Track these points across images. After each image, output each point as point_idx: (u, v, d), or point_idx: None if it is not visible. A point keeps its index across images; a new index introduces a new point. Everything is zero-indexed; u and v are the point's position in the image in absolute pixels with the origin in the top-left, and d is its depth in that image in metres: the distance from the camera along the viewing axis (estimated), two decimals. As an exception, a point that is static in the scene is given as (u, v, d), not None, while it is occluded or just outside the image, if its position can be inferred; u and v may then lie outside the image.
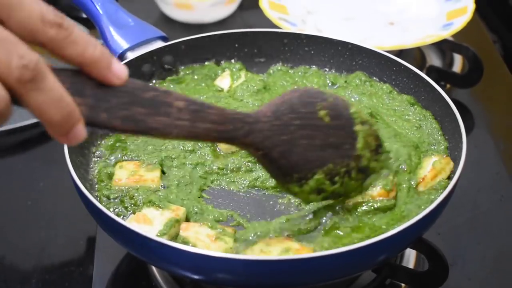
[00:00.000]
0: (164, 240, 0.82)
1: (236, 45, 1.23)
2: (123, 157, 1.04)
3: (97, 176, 1.00)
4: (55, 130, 0.66)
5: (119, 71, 0.70)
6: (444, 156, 1.00)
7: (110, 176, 1.00)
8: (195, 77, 1.20)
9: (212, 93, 1.17)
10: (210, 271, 0.83)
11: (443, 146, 1.03)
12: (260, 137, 0.83)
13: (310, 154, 0.88)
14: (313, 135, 0.87)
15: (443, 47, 1.45)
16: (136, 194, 0.95)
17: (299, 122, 0.86)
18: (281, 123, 0.85)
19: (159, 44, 1.17)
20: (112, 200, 0.96)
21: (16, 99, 0.63)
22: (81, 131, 0.67)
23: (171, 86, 1.18)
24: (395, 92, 1.14)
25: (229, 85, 1.18)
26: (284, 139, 0.85)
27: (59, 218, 1.15)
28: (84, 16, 1.22)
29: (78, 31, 0.66)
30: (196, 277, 0.86)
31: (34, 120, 1.29)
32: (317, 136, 0.88)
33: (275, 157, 0.85)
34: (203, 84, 1.19)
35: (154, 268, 1.03)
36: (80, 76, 0.69)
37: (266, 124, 0.84)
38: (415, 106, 1.11)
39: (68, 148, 0.94)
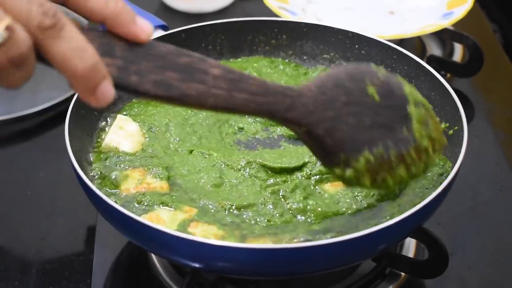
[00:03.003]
0: (163, 228, 0.82)
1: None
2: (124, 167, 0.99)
3: (99, 183, 0.97)
4: (81, 85, 0.64)
5: (145, 25, 0.68)
6: None
7: (112, 181, 0.96)
8: None
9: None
10: (209, 259, 0.83)
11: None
12: (303, 112, 0.78)
13: (358, 133, 0.81)
14: (361, 112, 0.81)
15: (443, 36, 1.44)
16: (144, 199, 0.93)
17: (345, 98, 0.80)
18: (326, 98, 0.80)
19: (159, 33, 1.16)
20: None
21: (39, 50, 0.63)
22: (109, 89, 0.65)
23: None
24: None
25: None
26: (329, 115, 0.79)
27: (59, 207, 1.15)
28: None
29: None
30: (195, 265, 0.86)
31: (35, 109, 1.29)
32: (366, 114, 0.81)
33: (320, 134, 0.80)
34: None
35: (154, 257, 1.03)
36: (108, 37, 0.67)
37: (310, 98, 0.79)
38: None
39: (69, 137, 0.93)
